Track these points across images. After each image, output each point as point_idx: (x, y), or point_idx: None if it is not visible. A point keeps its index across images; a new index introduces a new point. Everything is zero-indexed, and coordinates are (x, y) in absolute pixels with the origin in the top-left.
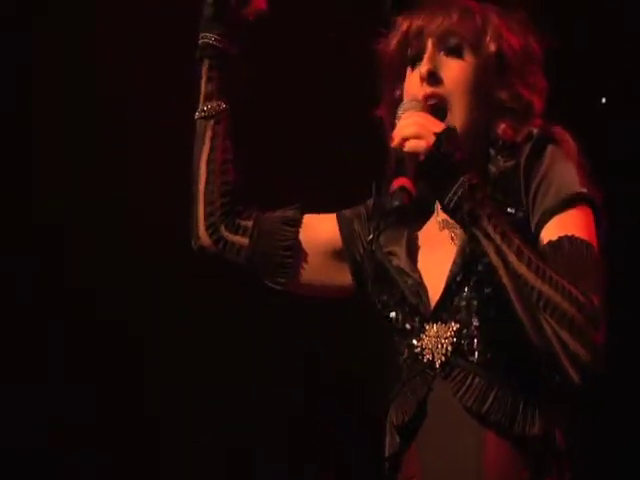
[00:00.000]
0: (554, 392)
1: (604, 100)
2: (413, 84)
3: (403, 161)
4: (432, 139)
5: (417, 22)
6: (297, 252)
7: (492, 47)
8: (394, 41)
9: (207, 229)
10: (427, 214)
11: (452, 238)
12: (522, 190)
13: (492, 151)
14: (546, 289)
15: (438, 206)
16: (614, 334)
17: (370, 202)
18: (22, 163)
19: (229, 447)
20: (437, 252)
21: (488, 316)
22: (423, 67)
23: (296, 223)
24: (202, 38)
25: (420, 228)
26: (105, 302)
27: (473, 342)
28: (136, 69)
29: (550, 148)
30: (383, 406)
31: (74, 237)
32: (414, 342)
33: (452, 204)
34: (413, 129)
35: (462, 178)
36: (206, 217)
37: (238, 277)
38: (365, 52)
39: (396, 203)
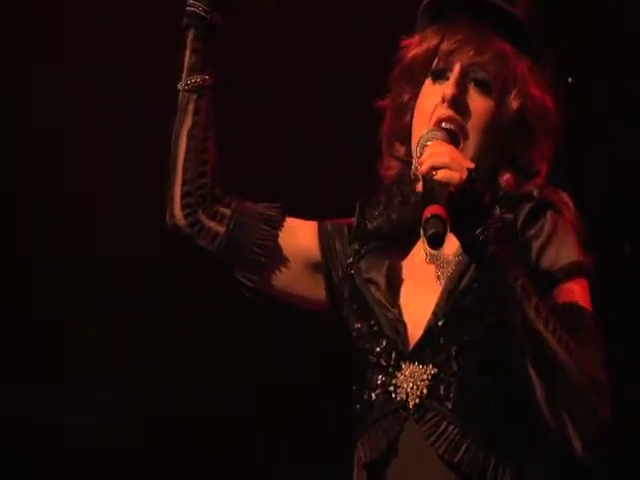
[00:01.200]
0: (529, 450)
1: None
2: (431, 98)
3: (434, 189)
4: (465, 174)
5: (451, 41)
6: (273, 253)
7: (515, 104)
8: (422, 48)
9: (183, 209)
10: (411, 241)
11: (438, 277)
12: (518, 246)
13: None
14: (560, 353)
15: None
16: None
17: (353, 221)
18: None
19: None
20: (421, 288)
21: (468, 363)
22: (449, 89)
23: (276, 225)
24: (190, 6)
25: (404, 256)
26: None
27: (450, 388)
28: None
29: (551, 213)
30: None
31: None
32: (388, 379)
33: (477, 243)
34: (445, 159)
35: (490, 219)
36: (183, 196)
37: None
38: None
39: (432, 231)
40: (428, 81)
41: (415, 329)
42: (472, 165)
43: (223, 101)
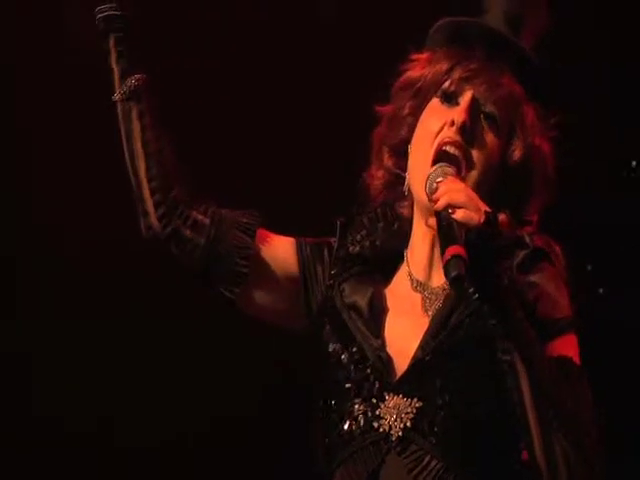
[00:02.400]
0: None
1: None
2: (438, 118)
3: (452, 228)
4: (482, 215)
5: (465, 68)
6: (253, 264)
7: (518, 153)
8: (433, 69)
9: (159, 220)
10: (394, 266)
11: (425, 308)
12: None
13: None
14: (563, 405)
15: (409, 259)
16: None
17: (333, 241)
18: None
19: None
20: (406, 318)
21: (453, 399)
22: (461, 115)
23: (253, 234)
24: (100, 12)
25: (388, 282)
26: None
27: (434, 422)
28: None
29: (545, 264)
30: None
31: None
32: (370, 410)
33: (484, 289)
34: (462, 198)
35: (504, 264)
36: (156, 207)
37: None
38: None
39: (455, 273)
40: (436, 100)
41: (400, 360)
42: (488, 208)
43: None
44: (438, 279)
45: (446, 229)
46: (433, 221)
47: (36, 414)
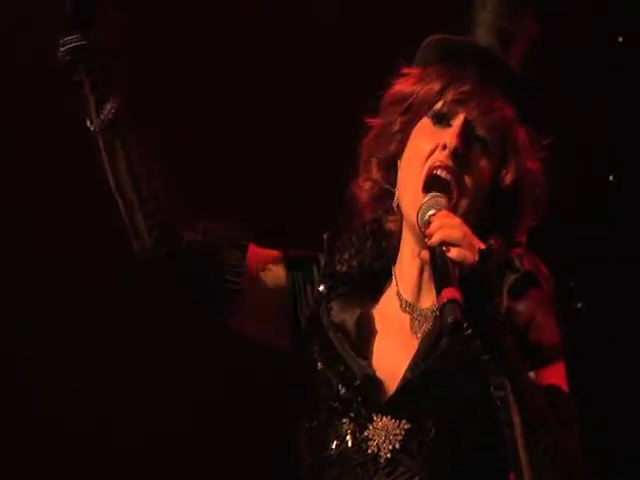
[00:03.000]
0: None
1: None
2: (429, 140)
3: (447, 266)
4: (476, 254)
5: (457, 90)
6: (245, 281)
7: (510, 177)
8: (424, 87)
9: (154, 244)
10: (383, 286)
11: (414, 329)
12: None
13: None
14: (554, 438)
15: (398, 278)
16: None
17: (320, 257)
18: None
19: None
20: (394, 339)
21: (442, 421)
22: (454, 140)
23: (245, 249)
24: (64, 45)
25: (375, 302)
26: None
27: (423, 444)
28: None
29: (534, 289)
30: None
31: None
32: (358, 430)
33: (485, 321)
34: (457, 235)
35: (496, 300)
36: (149, 231)
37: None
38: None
39: (451, 319)
40: (427, 121)
41: (388, 382)
42: (482, 245)
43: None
44: (427, 300)
45: (440, 267)
46: (425, 254)
47: (35, 414)
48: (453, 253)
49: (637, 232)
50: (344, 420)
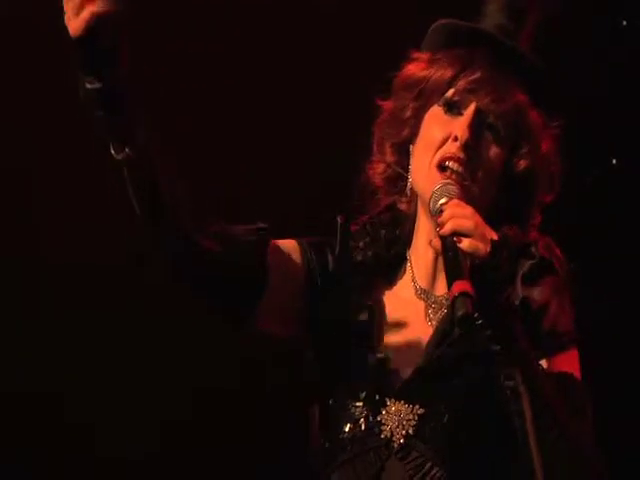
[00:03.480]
0: None
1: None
2: (441, 129)
3: (457, 257)
4: (489, 245)
5: (469, 78)
6: (266, 278)
7: (524, 163)
8: (436, 73)
9: (174, 257)
10: (398, 273)
11: (428, 316)
12: (513, 299)
13: None
14: (566, 426)
15: (413, 263)
16: None
17: (335, 242)
18: None
19: None
20: (409, 325)
21: (456, 406)
22: (465, 132)
23: (265, 249)
24: (85, 86)
25: (390, 288)
26: None
27: (437, 429)
28: None
29: (550, 275)
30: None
31: None
32: (372, 415)
33: (496, 312)
34: (469, 225)
35: (508, 291)
36: (170, 245)
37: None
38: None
39: (461, 312)
40: (438, 108)
41: (402, 367)
42: (494, 235)
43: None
44: (442, 288)
45: (452, 258)
46: (437, 242)
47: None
48: (465, 244)
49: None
50: (357, 404)
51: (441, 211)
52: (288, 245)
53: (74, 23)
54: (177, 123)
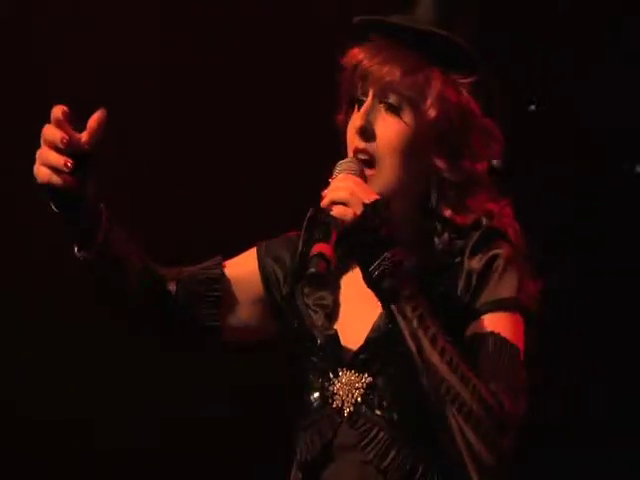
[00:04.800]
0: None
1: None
2: (352, 127)
3: (328, 225)
4: (360, 209)
5: (365, 65)
6: (224, 291)
7: (432, 113)
8: (347, 72)
9: (135, 307)
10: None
11: None
12: (462, 278)
13: (439, 226)
14: (457, 384)
15: None
16: None
17: (301, 236)
18: None
19: None
20: (363, 306)
21: (400, 375)
22: (358, 121)
23: (220, 279)
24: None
25: (347, 273)
26: None
27: (382, 397)
28: None
29: (498, 244)
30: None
31: None
32: (327, 385)
33: (373, 278)
34: (343, 194)
35: (385, 254)
36: (139, 308)
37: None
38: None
39: (312, 270)
40: (356, 108)
41: (354, 341)
42: (370, 199)
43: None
44: None
45: (320, 225)
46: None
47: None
48: (335, 211)
49: None
50: (315, 374)
51: None
52: (244, 257)
53: (38, 171)
54: (176, 134)
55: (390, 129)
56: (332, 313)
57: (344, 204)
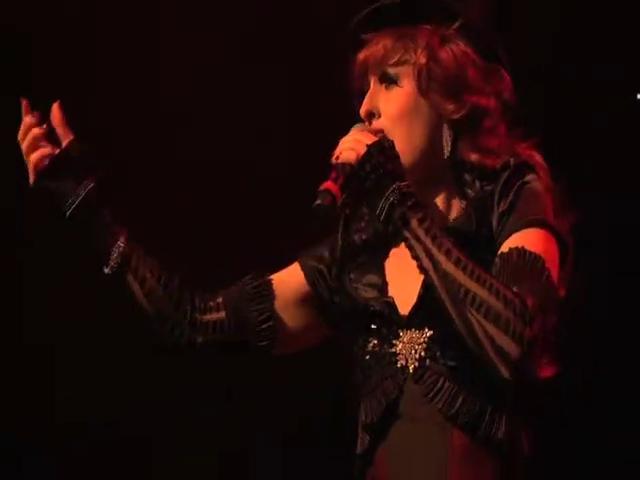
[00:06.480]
0: (520, 398)
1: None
2: (362, 114)
3: (337, 172)
4: (363, 150)
5: (363, 59)
6: (275, 318)
7: (422, 59)
8: (357, 80)
9: (186, 343)
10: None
11: None
12: (494, 215)
13: (468, 177)
14: (473, 286)
15: None
16: None
17: (338, 238)
18: None
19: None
20: (410, 273)
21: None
22: (363, 107)
23: (267, 294)
24: (65, 212)
25: (394, 245)
26: None
27: (445, 347)
28: None
29: (524, 180)
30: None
31: None
32: (388, 347)
33: (384, 212)
34: (348, 144)
35: (393, 186)
36: (180, 335)
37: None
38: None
39: (318, 202)
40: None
41: (409, 304)
42: (374, 139)
43: None
44: None
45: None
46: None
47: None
48: (340, 157)
49: None
50: (373, 344)
51: None
52: (289, 272)
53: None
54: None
55: (391, 100)
56: (383, 289)
57: (350, 151)
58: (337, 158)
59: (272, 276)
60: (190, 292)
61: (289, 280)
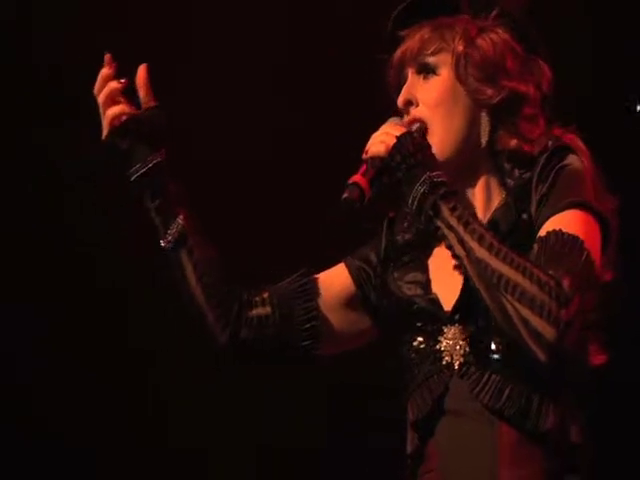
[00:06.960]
0: (568, 388)
1: None
2: (399, 105)
3: (367, 166)
4: (392, 142)
5: (398, 54)
6: (320, 317)
7: (460, 46)
8: (390, 74)
9: (226, 336)
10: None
11: None
12: (533, 199)
13: (507, 165)
14: (507, 270)
15: None
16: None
17: (382, 239)
18: None
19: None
20: (451, 272)
21: None
22: (400, 97)
23: (313, 293)
24: (131, 176)
25: (436, 245)
26: None
27: (490, 341)
28: None
29: (564, 163)
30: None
31: None
32: (432, 344)
33: (415, 202)
34: (378, 137)
35: (424, 176)
36: (222, 330)
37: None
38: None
39: (345, 195)
40: None
41: (451, 299)
42: (403, 130)
43: None
44: None
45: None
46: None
47: None
48: (369, 152)
49: None
50: (419, 339)
51: None
52: (335, 272)
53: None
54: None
55: (429, 88)
56: (426, 286)
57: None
58: (367, 152)
59: (319, 275)
60: (239, 284)
61: (335, 280)
